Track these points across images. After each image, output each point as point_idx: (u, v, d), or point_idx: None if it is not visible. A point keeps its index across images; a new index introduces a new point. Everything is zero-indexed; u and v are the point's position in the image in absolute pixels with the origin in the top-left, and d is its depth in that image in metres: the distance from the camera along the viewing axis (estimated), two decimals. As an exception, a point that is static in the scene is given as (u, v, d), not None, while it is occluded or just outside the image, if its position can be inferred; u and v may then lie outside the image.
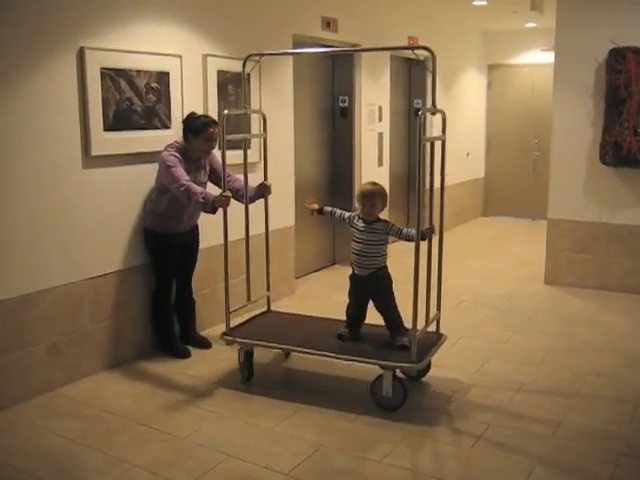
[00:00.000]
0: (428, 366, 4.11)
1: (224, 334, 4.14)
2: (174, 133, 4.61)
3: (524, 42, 9.86)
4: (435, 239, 4.00)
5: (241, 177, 4.42)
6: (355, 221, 3.98)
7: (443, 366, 4.32)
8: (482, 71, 10.24)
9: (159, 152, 4.46)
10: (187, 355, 4.57)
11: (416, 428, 3.55)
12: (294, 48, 5.87)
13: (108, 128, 4.15)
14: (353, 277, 4.04)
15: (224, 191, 4.05)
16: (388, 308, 3.97)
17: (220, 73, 5.00)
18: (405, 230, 3.90)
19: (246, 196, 4.37)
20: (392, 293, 3.98)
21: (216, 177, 4.53)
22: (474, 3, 7.61)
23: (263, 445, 3.38)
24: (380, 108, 7.29)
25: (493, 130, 10.40)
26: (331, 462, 3.22)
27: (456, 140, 9.38)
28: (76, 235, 4.09)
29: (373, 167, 7.26)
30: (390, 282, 3.98)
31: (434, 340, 4.04)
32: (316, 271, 6.88)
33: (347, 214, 4.07)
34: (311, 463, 3.20)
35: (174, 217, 4.43)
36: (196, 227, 4.70)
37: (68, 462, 3.23)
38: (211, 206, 4.07)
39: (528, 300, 5.90)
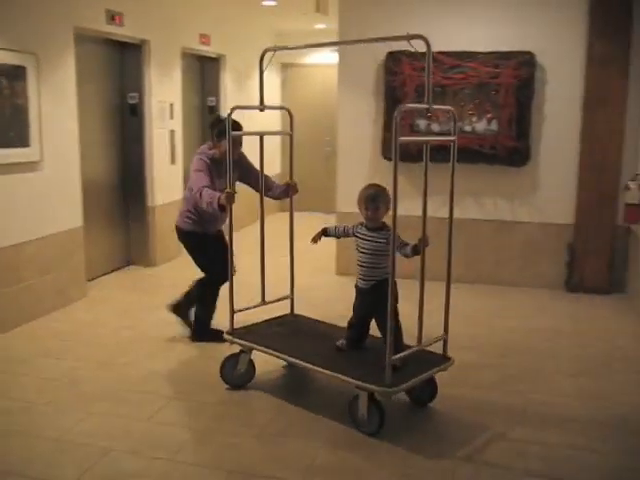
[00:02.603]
0: (434, 390, 3.76)
1: (227, 333, 4.04)
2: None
3: (315, 42, 10.18)
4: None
5: (269, 176, 4.67)
6: (359, 230, 3.72)
7: (216, 357, 4.40)
8: (276, 69, 10.46)
9: None
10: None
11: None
12: (77, 42, 5.63)
13: None
14: (356, 288, 3.77)
15: (229, 188, 3.94)
16: (383, 323, 3.52)
17: (-9, 66, 4.68)
18: (404, 244, 3.59)
19: (262, 190, 4.47)
20: (391, 308, 3.45)
21: (249, 178, 4.66)
22: (263, 3, 7.77)
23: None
24: (172, 105, 7.20)
25: (287, 127, 10.64)
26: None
27: (251, 138, 9.52)
28: None
29: (166, 165, 7.16)
30: (391, 296, 3.46)
31: (433, 363, 3.63)
32: (110, 272, 6.67)
33: (350, 225, 3.80)
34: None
35: (210, 220, 4.60)
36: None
37: None
38: (217, 204, 4.06)
39: (320, 291, 6.14)
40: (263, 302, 4.32)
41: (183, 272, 6.82)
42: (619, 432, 3.52)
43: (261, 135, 4.44)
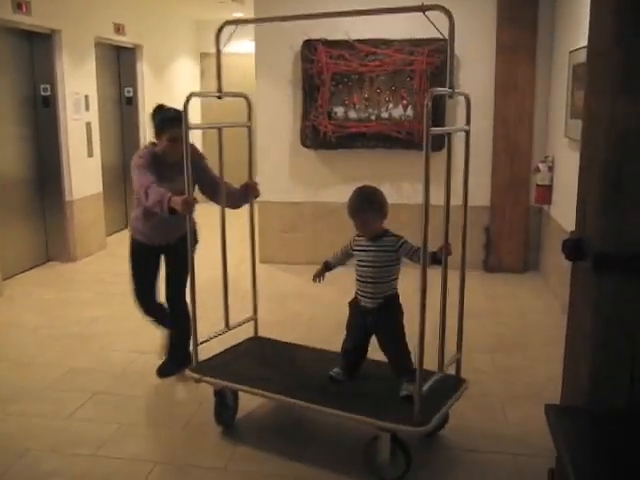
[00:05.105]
0: (445, 417, 3.24)
1: (191, 370, 3.37)
2: None
3: (234, 32, 10.12)
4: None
5: (228, 182, 3.79)
6: (356, 242, 3.20)
7: (140, 351, 4.44)
8: (195, 59, 10.35)
9: None
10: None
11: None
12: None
13: None
14: (354, 307, 3.25)
15: (188, 194, 3.27)
16: (393, 347, 3.16)
17: None
18: (416, 250, 3.11)
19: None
20: (401, 328, 3.19)
21: (201, 182, 3.78)
22: (178, -8, 7.67)
23: None
24: (87, 97, 7.04)
25: (208, 117, 10.56)
26: (40, 466, 3.10)
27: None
28: None
29: (82, 158, 7.00)
30: (400, 314, 3.21)
31: (450, 387, 3.16)
32: (28, 270, 6.49)
33: (348, 243, 3.29)
34: None
35: (154, 228, 3.80)
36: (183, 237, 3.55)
37: None
38: (167, 207, 3.31)
39: (242, 281, 6.05)
40: (227, 328, 3.74)
41: (105, 266, 6.74)
42: (533, 403, 3.67)
43: (219, 128, 3.71)
